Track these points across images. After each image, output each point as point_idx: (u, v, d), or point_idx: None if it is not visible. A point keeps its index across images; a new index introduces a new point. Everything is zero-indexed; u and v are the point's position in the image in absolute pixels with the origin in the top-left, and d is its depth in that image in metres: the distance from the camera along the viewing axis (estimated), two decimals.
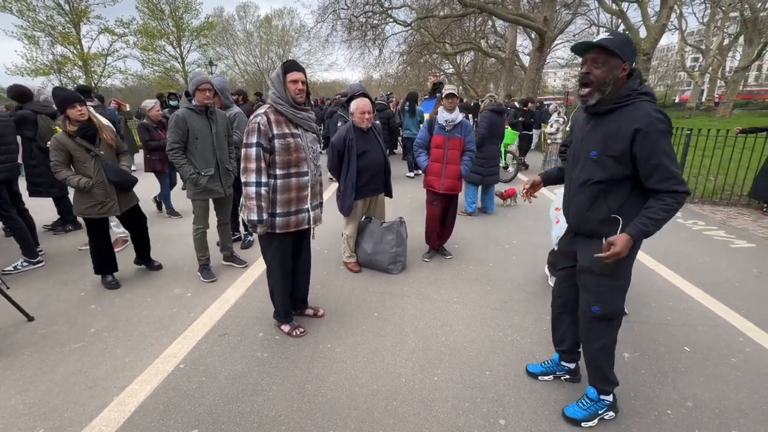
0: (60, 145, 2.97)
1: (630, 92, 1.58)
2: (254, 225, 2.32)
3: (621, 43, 1.56)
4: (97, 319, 2.87)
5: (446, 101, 3.65)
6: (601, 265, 1.69)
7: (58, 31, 21.30)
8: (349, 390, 2.14)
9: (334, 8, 17.86)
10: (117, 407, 2.01)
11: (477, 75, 27.70)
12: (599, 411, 1.91)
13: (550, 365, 2.23)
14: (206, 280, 3.43)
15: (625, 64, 1.57)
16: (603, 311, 1.77)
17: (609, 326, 1.82)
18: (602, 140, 1.63)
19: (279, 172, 2.34)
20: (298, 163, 2.38)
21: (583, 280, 1.83)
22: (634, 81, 1.60)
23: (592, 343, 1.86)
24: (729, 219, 5.41)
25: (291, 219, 2.44)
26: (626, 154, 1.57)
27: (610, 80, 1.58)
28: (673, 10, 13.11)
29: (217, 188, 3.41)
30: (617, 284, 1.75)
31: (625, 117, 1.57)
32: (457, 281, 3.49)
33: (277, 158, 2.31)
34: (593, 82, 1.61)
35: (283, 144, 2.30)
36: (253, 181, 2.26)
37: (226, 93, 3.85)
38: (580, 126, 1.80)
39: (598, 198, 1.69)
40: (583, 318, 1.87)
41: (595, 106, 1.65)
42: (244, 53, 37.39)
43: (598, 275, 1.74)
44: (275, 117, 2.29)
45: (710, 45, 26.81)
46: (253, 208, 2.28)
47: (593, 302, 1.78)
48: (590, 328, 1.84)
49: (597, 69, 1.59)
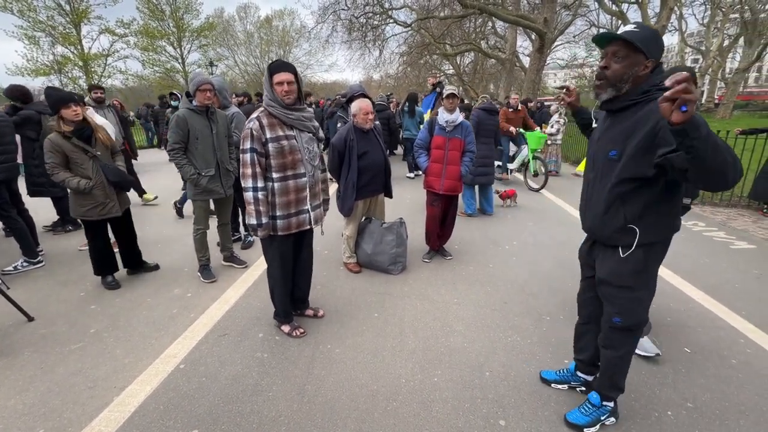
0: (55, 147, 2.91)
1: (650, 88, 1.46)
2: (255, 229, 2.34)
3: (647, 38, 1.43)
4: (97, 319, 2.87)
5: (447, 102, 3.65)
6: (620, 277, 1.64)
7: (59, 31, 21.33)
8: (349, 390, 2.14)
9: (335, 9, 17.90)
10: (117, 407, 2.01)
11: (477, 76, 27.71)
12: (601, 417, 1.89)
13: (566, 374, 2.18)
14: (206, 281, 3.43)
15: (649, 61, 1.45)
16: (624, 323, 1.72)
17: (630, 336, 1.77)
18: (621, 139, 1.52)
19: (275, 175, 2.34)
20: (294, 165, 2.37)
21: (603, 292, 1.77)
22: (656, 76, 1.47)
23: (612, 350, 1.81)
24: (729, 220, 5.41)
25: (292, 221, 2.44)
26: (646, 149, 1.43)
27: (629, 77, 1.47)
28: (673, 11, 13.13)
29: (218, 188, 3.41)
30: (638, 295, 1.67)
31: (644, 111, 1.44)
32: (457, 282, 3.49)
33: (272, 162, 2.31)
34: (609, 77, 1.50)
35: (277, 147, 2.29)
36: (249, 186, 2.29)
37: (225, 93, 3.86)
38: (599, 126, 1.72)
39: (615, 203, 1.59)
40: (605, 326, 1.81)
41: (611, 102, 1.55)
42: (244, 54, 37.50)
43: (617, 287, 1.68)
44: (268, 120, 2.29)
45: (710, 46, 26.84)
46: (252, 213, 2.31)
47: (614, 313, 1.73)
48: (611, 336, 1.79)
49: (616, 63, 1.48)
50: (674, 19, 23.49)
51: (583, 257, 1.95)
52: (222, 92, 3.77)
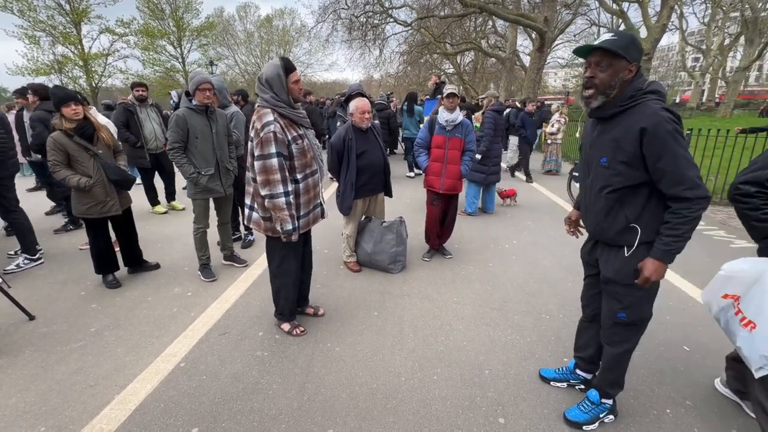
0: (58, 145, 2.94)
1: (634, 92, 1.51)
2: (289, 234, 2.28)
3: (626, 44, 1.48)
4: (97, 318, 2.88)
5: (447, 101, 3.65)
6: (626, 275, 1.64)
7: (59, 30, 21.37)
8: (348, 389, 2.15)
9: (335, 8, 17.89)
10: (118, 406, 2.02)
11: (477, 75, 27.70)
12: (600, 414, 1.90)
13: (565, 372, 2.18)
14: (206, 280, 3.44)
15: (632, 65, 1.50)
16: (630, 318, 1.72)
17: (635, 331, 1.77)
18: (610, 146, 1.57)
19: (299, 175, 2.33)
20: (311, 163, 2.40)
21: (608, 290, 1.77)
22: (638, 81, 1.52)
23: (615, 346, 1.81)
24: (729, 219, 5.41)
25: (310, 217, 2.49)
26: (637, 157, 1.50)
27: (617, 83, 1.52)
28: (673, 10, 13.11)
29: (217, 187, 3.42)
30: (644, 292, 1.68)
31: (631, 118, 1.50)
32: (456, 281, 3.50)
33: (296, 163, 2.29)
34: (598, 86, 1.54)
35: (299, 147, 2.28)
36: (280, 191, 2.19)
37: (225, 92, 3.86)
38: (588, 132, 1.75)
39: (614, 207, 1.62)
40: (607, 321, 1.81)
41: (600, 110, 1.59)
42: (244, 53, 37.45)
43: (625, 285, 1.68)
44: (283, 121, 2.23)
45: (711, 45, 26.81)
46: (286, 219, 2.24)
47: (620, 309, 1.73)
48: (615, 332, 1.79)
49: (602, 72, 1.52)
50: (675, 17, 23.49)
51: (585, 257, 1.95)
52: (222, 92, 3.78)
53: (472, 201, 5.50)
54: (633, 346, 1.81)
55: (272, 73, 2.19)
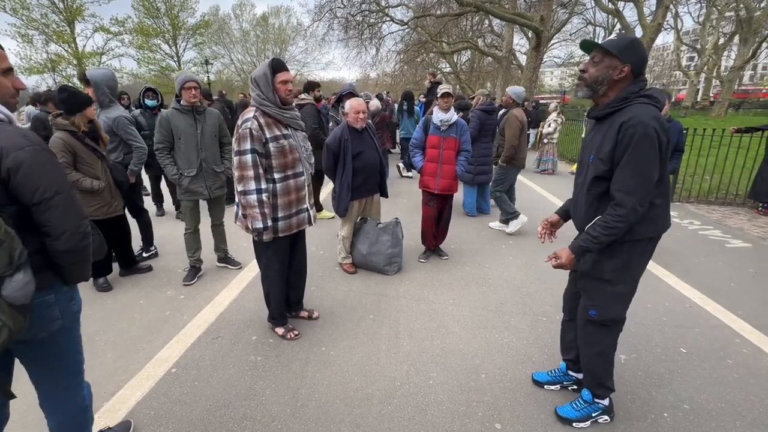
0: (68, 147, 2.84)
1: (628, 95, 1.54)
2: (260, 233, 2.27)
3: (622, 45, 1.53)
4: (87, 322, 2.80)
5: (441, 101, 3.62)
6: (600, 270, 1.67)
7: (53, 29, 21.18)
8: (343, 394, 2.11)
9: (331, 7, 17.82)
10: (107, 414, 1.98)
11: (474, 74, 27.72)
12: (592, 414, 1.89)
13: (558, 375, 2.18)
14: (183, 282, 3.39)
15: (625, 66, 1.53)
16: (600, 316, 1.75)
17: (606, 332, 1.80)
18: (598, 143, 1.62)
19: (277, 175, 2.30)
20: (294, 165, 2.36)
21: (582, 284, 1.81)
22: (636, 85, 1.55)
23: (588, 347, 1.85)
24: (724, 218, 5.42)
25: (293, 221, 2.43)
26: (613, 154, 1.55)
27: (604, 80, 1.57)
28: (668, 9, 13.15)
29: (201, 189, 3.34)
30: (617, 291, 1.71)
31: (619, 118, 1.53)
32: (453, 282, 3.47)
33: (273, 162, 2.27)
34: (586, 79, 1.63)
35: (278, 147, 2.26)
36: (252, 188, 2.21)
37: (102, 88, 3.33)
38: (587, 132, 1.82)
39: (593, 203, 1.67)
40: (581, 320, 1.85)
41: (595, 109, 1.66)
42: (240, 52, 37.30)
43: (597, 280, 1.72)
44: (265, 120, 2.24)
45: (706, 44, 26.95)
46: (257, 216, 2.23)
47: (590, 305, 1.76)
48: (588, 331, 1.83)
49: (593, 68, 1.60)
50: (670, 17, 23.57)
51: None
52: (99, 88, 3.31)
53: (470, 202, 5.47)
54: (607, 350, 1.83)
55: (260, 72, 2.22)
